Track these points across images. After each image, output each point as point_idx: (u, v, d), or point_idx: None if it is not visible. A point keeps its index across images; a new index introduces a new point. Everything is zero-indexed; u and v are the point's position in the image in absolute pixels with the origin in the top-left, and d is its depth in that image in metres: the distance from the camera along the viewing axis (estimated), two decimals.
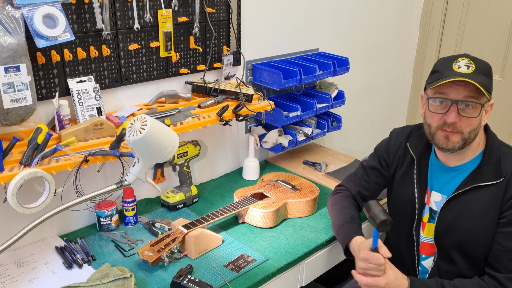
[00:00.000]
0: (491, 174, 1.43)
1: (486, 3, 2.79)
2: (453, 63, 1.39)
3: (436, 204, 1.54)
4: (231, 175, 2.20)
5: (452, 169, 1.50)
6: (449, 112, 1.38)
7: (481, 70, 1.38)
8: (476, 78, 1.35)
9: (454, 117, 1.37)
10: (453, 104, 1.37)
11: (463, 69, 1.37)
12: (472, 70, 1.36)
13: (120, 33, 1.64)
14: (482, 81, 1.36)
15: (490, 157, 1.45)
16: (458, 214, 1.47)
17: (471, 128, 1.39)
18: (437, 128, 1.42)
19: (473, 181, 1.45)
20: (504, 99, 2.84)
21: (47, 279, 1.45)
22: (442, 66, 1.42)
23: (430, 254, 1.57)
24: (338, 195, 1.74)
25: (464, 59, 1.40)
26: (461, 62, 1.39)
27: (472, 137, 1.41)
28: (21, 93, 1.36)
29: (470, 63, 1.38)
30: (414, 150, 1.59)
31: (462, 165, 1.49)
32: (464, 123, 1.38)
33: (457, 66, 1.38)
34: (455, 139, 1.40)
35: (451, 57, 1.43)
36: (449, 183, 1.51)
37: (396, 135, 1.67)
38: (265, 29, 2.15)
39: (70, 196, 1.62)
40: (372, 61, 2.88)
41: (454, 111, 1.37)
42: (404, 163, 1.61)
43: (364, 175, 1.72)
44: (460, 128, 1.38)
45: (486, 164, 1.45)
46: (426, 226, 1.57)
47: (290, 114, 2.10)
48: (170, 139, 1.27)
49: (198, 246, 1.56)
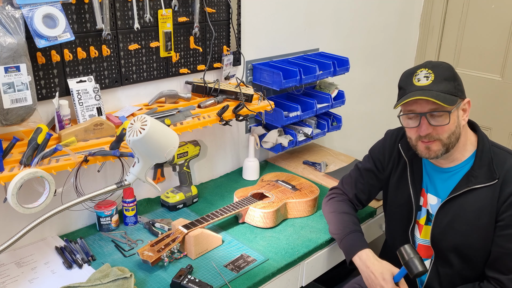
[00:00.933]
0: (484, 176, 1.43)
1: (486, 3, 2.79)
2: (413, 77, 1.41)
3: (432, 207, 1.54)
4: (231, 175, 2.20)
5: (445, 171, 1.50)
6: (420, 125, 1.41)
7: (441, 76, 1.38)
8: (436, 87, 1.36)
9: (425, 129, 1.40)
10: (422, 117, 1.39)
11: (423, 81, 1.39)
12: (432, 80, 1.38)
13: (120, 33, 1.64)
14: (443, 88, 1.37)
15: (482, 158, 1.45)
16: (454, 217, 1.47)
17: (448, 134, 1.40)
18: (417, 140, 1.45)
19: (467, 184, 1.44)
20: (504, 99, 2.84)
21: (47, 279, 1.45)
22: (405, 81, 1.43)
23: (427, 257, 1.56)
24: (335, 199, 1.72)
25: (423, 70, 1.41)
26: (420, 75, 1.40)
27: (453, 141, 1.42)
28: (21, 93, 1.36)
29: (429, 73, 1.39)
30: (405, 152, 1.59)
31: (454, 167, 1.49)
32: (438, 131, 1.40)
33: (417, 80, 1.40)
34: (435, 147, 1.42)
35: (412, 70, 1.44)
36: (443, 185, 1.51)
37: (390, 136, 1.67)
38: (265, 29, 2.15)
39: (70, 196, 1.62)
40: (372, 61, 2.88)
41: (424, 123, 1.40)
42: (399, 165, 1.61)
43: (360, 178, 1.71)
44: (437, 135, 1.40)
45: (479, 166, 1.44)
46: (423, 228, 1.56)
47: (290, 114, 2.10)
48: (170, 139, 1.27)
49: (198, 246, 1.56)
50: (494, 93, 2.87)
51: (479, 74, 2.92)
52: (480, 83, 2.90)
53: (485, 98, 2.90)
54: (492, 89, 2.87)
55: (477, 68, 2.92)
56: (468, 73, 2.96)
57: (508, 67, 2.78)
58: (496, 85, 2.86)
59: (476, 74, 2.93)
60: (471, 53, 2.93)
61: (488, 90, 2.88)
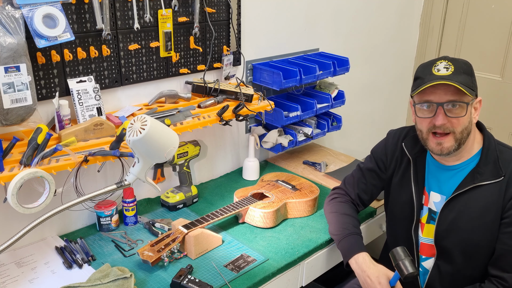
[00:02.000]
0: (490, 173, 1.44)
1: (486, 3, 2.79)
2: (433, 67, 1.42)
3: (436, 204, 1.54)
4: (231, 175, 2.20)
5: (450, 168, 1.51)
6: (437, 115, 1.40)
7: (460, 69, 1.39)
8: (456, 78, 1.37)
9: (442, 119, 1.39)
10: (439, 107, 1.39)
11: (443, 71, 1.39)
12: (452, 71, 1.39)
13: (120, 33, 1.64)
14: (462, 80, 1.38)
15: (488, 156, 1.46)
16: (459, 214, 1.47)
17: (462, 127, 1.40)
18: (428, 132, 1.44)
19: (472, 180, 1.45)
20: (504, 99, 2.84)
21: (47, 279, 1.45)
22: (423, 71, 1.44)
23: (430, 255, 1.57)
24: (337, 200, 1.72)
25: (443, 62, 1.42)
26: (440, 65, 1.41)
27: (465, 136, 1.42)
28: (21, 93, 1.36)
29: (449, 64, 1.40)
30: (410, 151, 1.59)
31: (459, 164, 1.49)
32: (453, 123, 1.40)
33: (437, 70, 1.40)
34: (448, 144, 1.41)
35: (430, 62, 1.45)
36: (448, 183, 1.51)
37: (393, 136, 1.68)
38: (265, 29, 2.15)
39: (70, 196, 1.62)
40: (372, 61, 2.88)
41: (441, 113, 1.39)
42: (402, 165, 1.61)
43: (362, 178, 1.72)
44: (452, 128, 1.40)
45: (485, 164, 1.45)
46: (425, 227, 1.57)
47: (290, 114, 2.10)
48: (170, 139, 1.27)
49: (198, 246, 1.56)
50: (494, 93, 2.87)
51: (479, 74, 2.92)
52: (480, 83, 2.87)
53: (485, 98, 2.86)
54: (492, 89, 2.87)
55: (477, 68, 2.89)
56: None
57: (508, 67, 2.78)
58: (496, 85, 2.85)
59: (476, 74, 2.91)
60: (471, 53, 2.93)
61: (488, 90, 2.88)
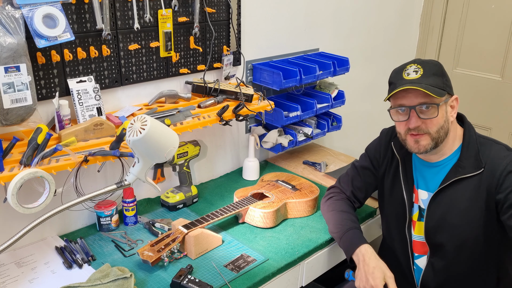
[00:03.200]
0: (471, 166, 1.46)
1: (486, 3, 2.79)
2: (403, 71, 1.46)
3: (423, 201, 1.56)
4: (231, 175, 2.20)
5: (434, 165, 1.53)
6: (410, 118, 1.44)
7: (429, 71, 1.43)
8: (425, 80, 1.41)
9: (415, 122, 1.43)
10: (411, 110, 1.43)
11: (412, 75, 1.43)
12: (421, 74, 1.42)
13: (120, 33, 1.64)
14: (432, 82, 1.41)
15: (469, 149, 1.48)
16: (446, 209, 1.49)
17: (437, 127, 1.43)
18: (406, 134, 1.48)
19: (455, 174, 1.47)
20: (504, 99, 2.84)
21: (47, 279, 1.45)
22: (395, 77, 1.48)
23: (423, 253, 1.59)
24: (333, 198, 1.73)
25: (413, 65, 1.46)
26: (409, 69, 1.45)
27: (442, 135, 1.45)
28: (21, 93, 1.36)
29: (418, 68, 1.44)
30: (398, 150, 1.62)
31: (442, 160, 1.52)
32: (428, 124, 1.43)
33: (406, 74, 1.45)
34: (424, 142, 1.45)
35: (402, 66, 1.49)
36: (433, 179, 1.53)
37: (385, 135, 1.71)
38: (265, 29, 2.15)
39: (70, 196, 1.62)
40: (372, 61, 2.88)
41: (413, 116, 1.43)
42: (393, 164, 1.64)
43: (357, 175, 1.73)
44: (426, 129, 1.43)
45: (466, 157, 1.47)
46: (416, 224, 1.58)
47: (290, 114, 2.10)
48: (170, 139, 1.27)
49: (198, 246, 1.56)
50: (494, 93, 2.87)
51: (479, 74, 2.92)
52: (480, 83, 2.90)
53: (485, 98, 2.90)
54: (492, 89, 2.87)
55: (477, 68, 2.92)
56: (468, 73, 2.96)
57: (508, 67, 2.78)
58: (496, 85, 2.85)
59: (476, 74, 2.93)
60: (471, 53, 2.93)
61: (488, 90, 2.88)
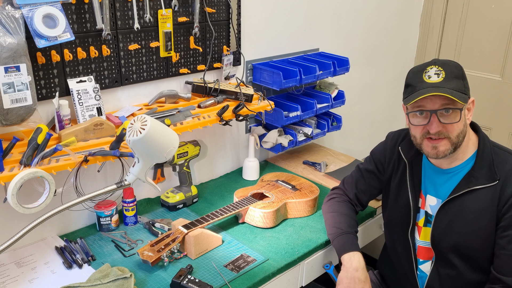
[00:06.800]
0: (485, 177, 1.42)
1: (486, 3, 2.79)
2: (423, 74, 1.39)
3: (432, 208, 1.53)
4: (231, 175, 2.20)
5: (445, 172, 1.50)
6: (431, 123, 1.38)
7: (451, 74, 1.37)
8: (448, 84, 1.35)
9: (436, 127, 1.38)
10: (433, 114, 1.37)
11: (434, 78, 1.36)
12: (443, 77, 1.36)
13: (120, 33, 1.64)
14: (454, 86, 1.35)
15: (483, 159, 1.44)
16: (454, 217, 1.46)
17: (457, 132, 1.39)
18: (422, 138, 1.42)
19: (467, 184, 1.44)
20: (504, 99, 2.84)
21: (47, 279, 1.45)
22: (413, 79, 1.41)
23: (428, 258, 1.56)
24: (335, 200, 1.72)
25: (433, 67, 1.38)
26: (430, 72, 1.38)
27: (461, 140, 1.41)
28: (21, 93, 1.36)
29: (439, 70, 1.37)
30: (406, 154, 1.58)
31: (455, 167, 1.48)
32: (448, 129, 1.38)
33: (427, 76, 1.37)
34: (443, 147, 1.39)
35: (420, 67, 1.41)
36: (443, 186, 1.50)
37: (391, 139, 1.66)
38: (265, 29, 2.15)
39: (70, 196, 1.62)
40: (372, 61, 2.88)
41: (435, 121, 1.38)
42: (399, 168, 1.61)
43: (361, 178, 1.71)
44: (446, 133, 1.38)
45: (480, 167, 1.43)
46: (422, 230, 1.56)
47: (290, 114, 2.10)
48: (170, 139, 1.27)
49: (198, 246, 1.56)
50: (494, 93, 2.87)
51: (479, 74, 2.92)
52: (480, 83, 2.90)
53: (485, 98, 2.90)
54: (492, 89, 2.87)
55: (477, 68, 2.92)
56: (468, 73, 2.92)
57: (508, 67, 2.78)
58: (496, 85, 2.85)
59: (476, 74, 2.93)
60: (471, 53, 2.93)
61: (488, 90, 2.88)
